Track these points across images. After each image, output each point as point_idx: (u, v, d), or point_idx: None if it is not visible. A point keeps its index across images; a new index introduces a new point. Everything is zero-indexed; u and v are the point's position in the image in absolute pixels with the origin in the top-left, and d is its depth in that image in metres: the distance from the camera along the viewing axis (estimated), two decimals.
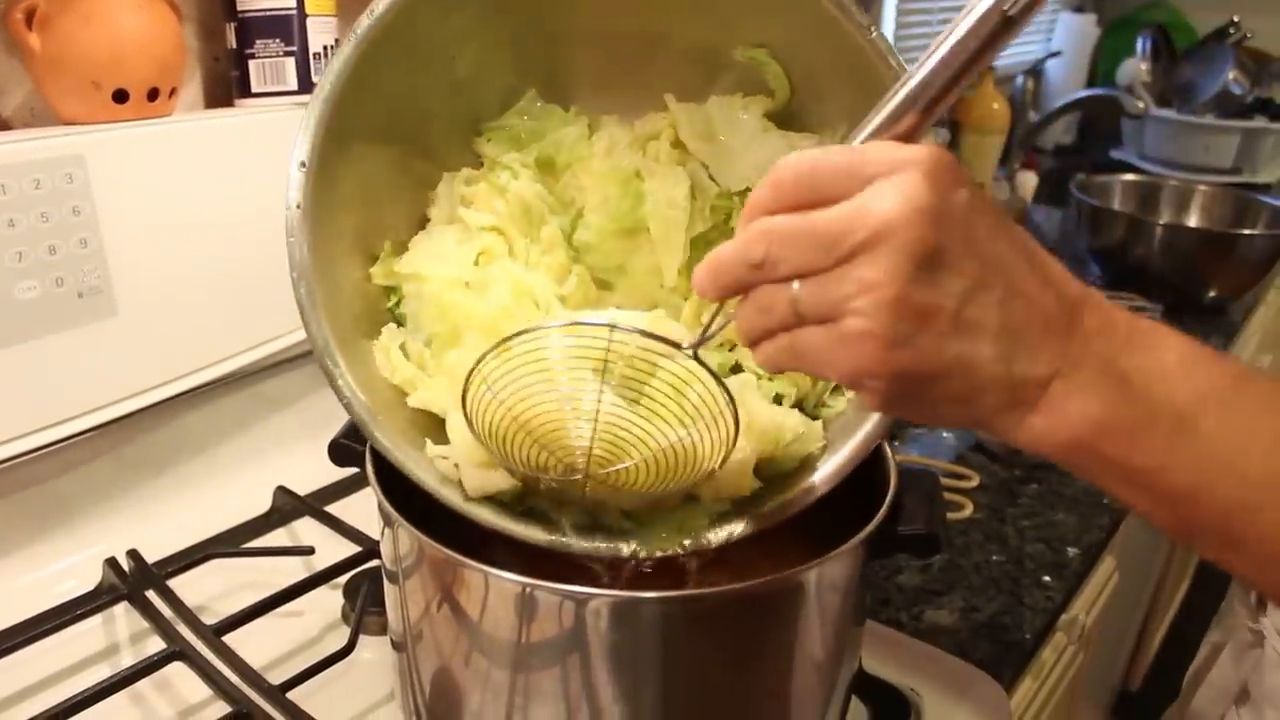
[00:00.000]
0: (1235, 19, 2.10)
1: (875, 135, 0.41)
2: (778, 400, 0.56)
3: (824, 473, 0.54)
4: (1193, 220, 1.65)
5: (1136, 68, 2.18)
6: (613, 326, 0.49)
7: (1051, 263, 0.40)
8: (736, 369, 0.57)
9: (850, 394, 0.57)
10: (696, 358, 0.48)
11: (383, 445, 0.53)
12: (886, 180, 0.37)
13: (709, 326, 0.47)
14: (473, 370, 0.49)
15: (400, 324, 0.58)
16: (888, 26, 1.87)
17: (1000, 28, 0.39)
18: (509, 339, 0.49)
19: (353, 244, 0.57)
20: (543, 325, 0.50)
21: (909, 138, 0.40)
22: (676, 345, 0.48)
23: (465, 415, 0.50)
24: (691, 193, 0.56)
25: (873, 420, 0.53)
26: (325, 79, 0.52)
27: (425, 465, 0.54)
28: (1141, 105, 2.12)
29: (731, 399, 0.48)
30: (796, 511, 0.53)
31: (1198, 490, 0.39)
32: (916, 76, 0.40)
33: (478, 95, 0.60)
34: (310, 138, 0.52)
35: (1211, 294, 1.45)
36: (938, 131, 1.51)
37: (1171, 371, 0.40)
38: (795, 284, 0.39)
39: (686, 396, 0.49)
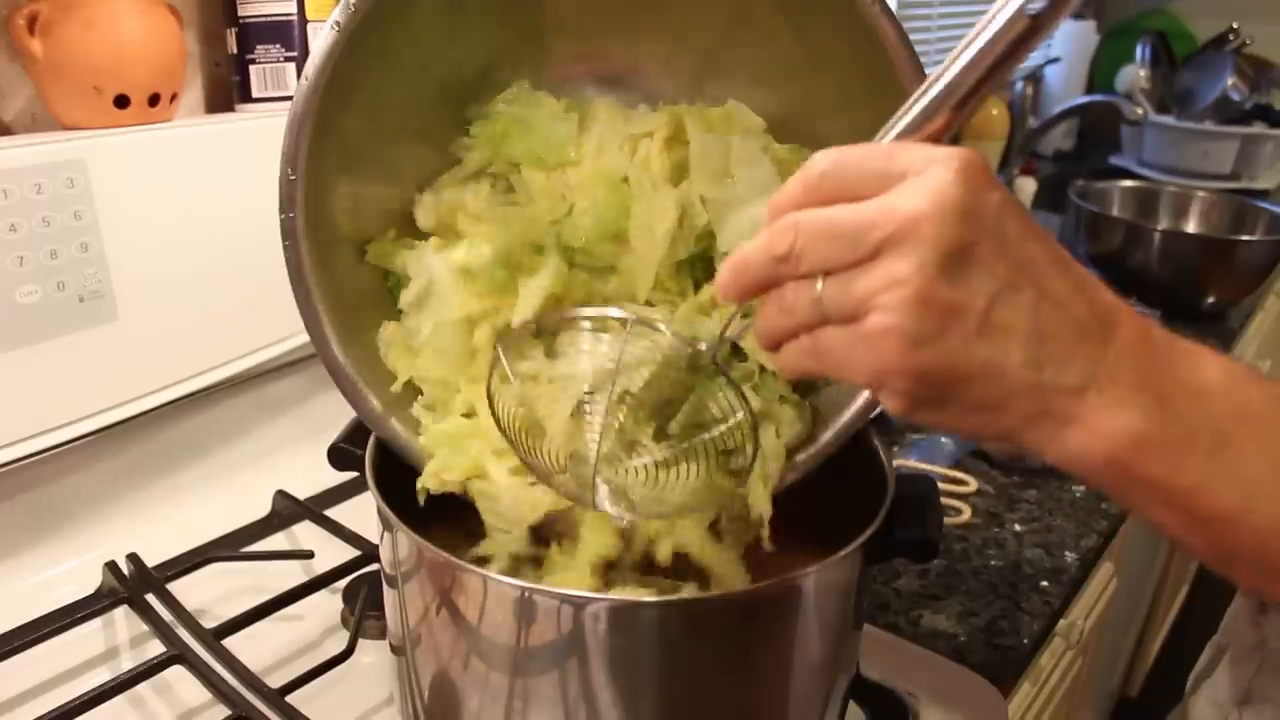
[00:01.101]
0: (1234, 26, 2.11)
1: (902, 136, 0.40)
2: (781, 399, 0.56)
3: (810, 451, 0.55)
4: (1191, 226, 1.65)
5: (1136, 74, 2.18)
6: (631, 320, 0.48)
7: (1083, 270, 0.39)
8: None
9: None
10: (715, 361, 0.48)
11: (390, 437, 0.54)
12: (918, 176, 0.36)
13: (727, 328, 0.46)
14: (494, 356, 0.50)
15: (396, 300, 0.59)
16: None
17: (1026, 30, 0.38)
18: (529, 323, 0.50)
19: (346, 224, 0.57)
20: (565, 313, 0.50)
21: (936, 139, 0.40)
22: (696, 348, 0.48)
23: (488, 399, 0.51)
24: (679, 218, 0.56)
25: (860, 399, 0.54)
26: (309, 67, 0.52)
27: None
28: (1140, 111, 2.13)
29: (751, 410, 0.48)
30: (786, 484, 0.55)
31: (1237, 513, 0.38)
32: (944, 79, 0.39)
33: (465, 63, 0.59)
34: (296, 138, 0.52)
35: (1210, 300, 1.45)
36: None
37: (1212, 389, 0.39)
38: (819, 282, 0.38)
39: (703, 403, 0.50)
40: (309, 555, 0.76)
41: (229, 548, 0.79)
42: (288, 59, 0.83)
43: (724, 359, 0.50)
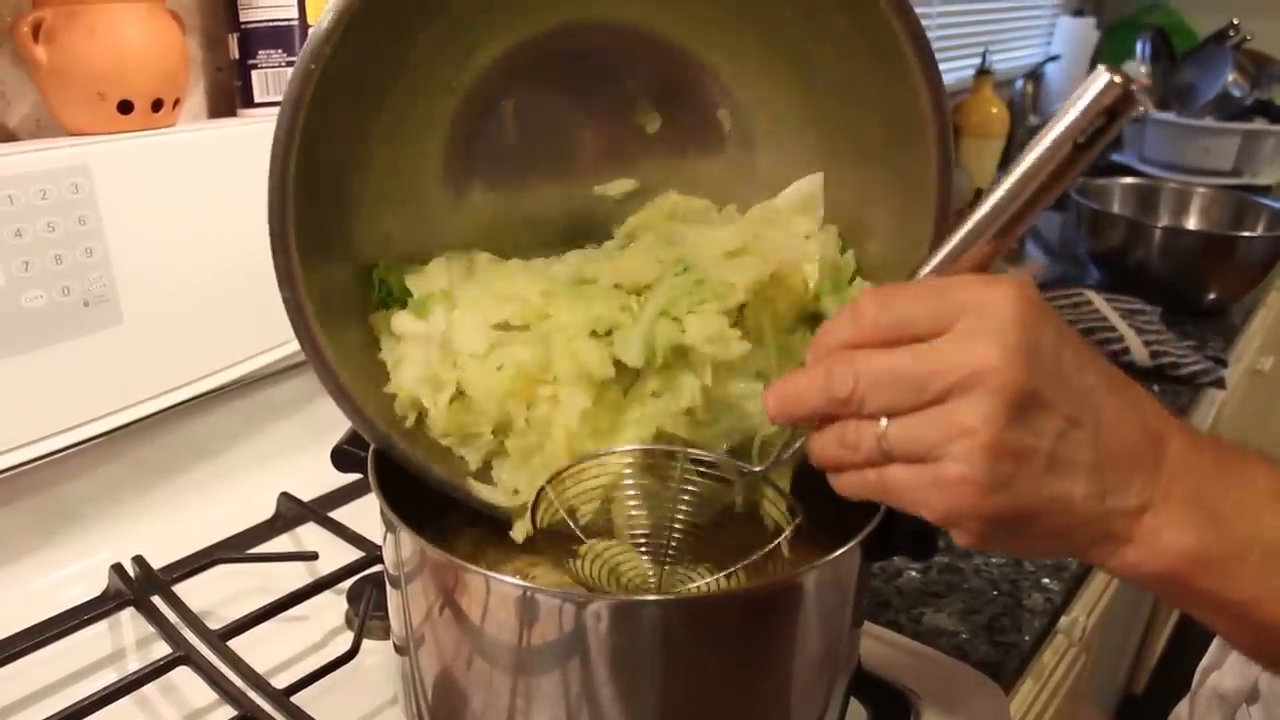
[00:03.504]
0: (1235, 21, 2.11)
1: (947, 262, 0.40)
2: None
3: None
4: (1192, 223, 1.65)
5: (1136, 71, 2.18)
6: (683, 452, 0.51)
7: (1134, 388, 0.40)
8: None
9: None
10: (768, 479, 0.50)
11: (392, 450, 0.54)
12: (976, 318, 0.37)
13: (781, 452, 0.48)
14: (540, 493, 0.52)
15: (387, 305, 0.59)
16: None
17: (1071, 156, 0.38)
18: (577, 463, 0.51)
19: (338, 229, 0.57)
20: (612, 450, 0.52)
21: (981, 267, 0.40)
22: (751, 470, 0.50)
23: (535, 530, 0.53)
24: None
25: None
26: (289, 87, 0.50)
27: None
28: (1141, 108, 2.13)
29: (798, 517, 0.50)
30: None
31: None
32: (987, 204, 0.40)
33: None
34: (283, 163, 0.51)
35: (1211, 296, 1.45)
36: None
37: (1261, 502, 0.40)
38: (883, 421, 0.38)
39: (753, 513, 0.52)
40: (313, 557, 0.77)
41: (234, 550, 0.80)
42: (289, 64, 0.83)
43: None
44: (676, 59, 0.61)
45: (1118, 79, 0.37)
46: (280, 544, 0.82)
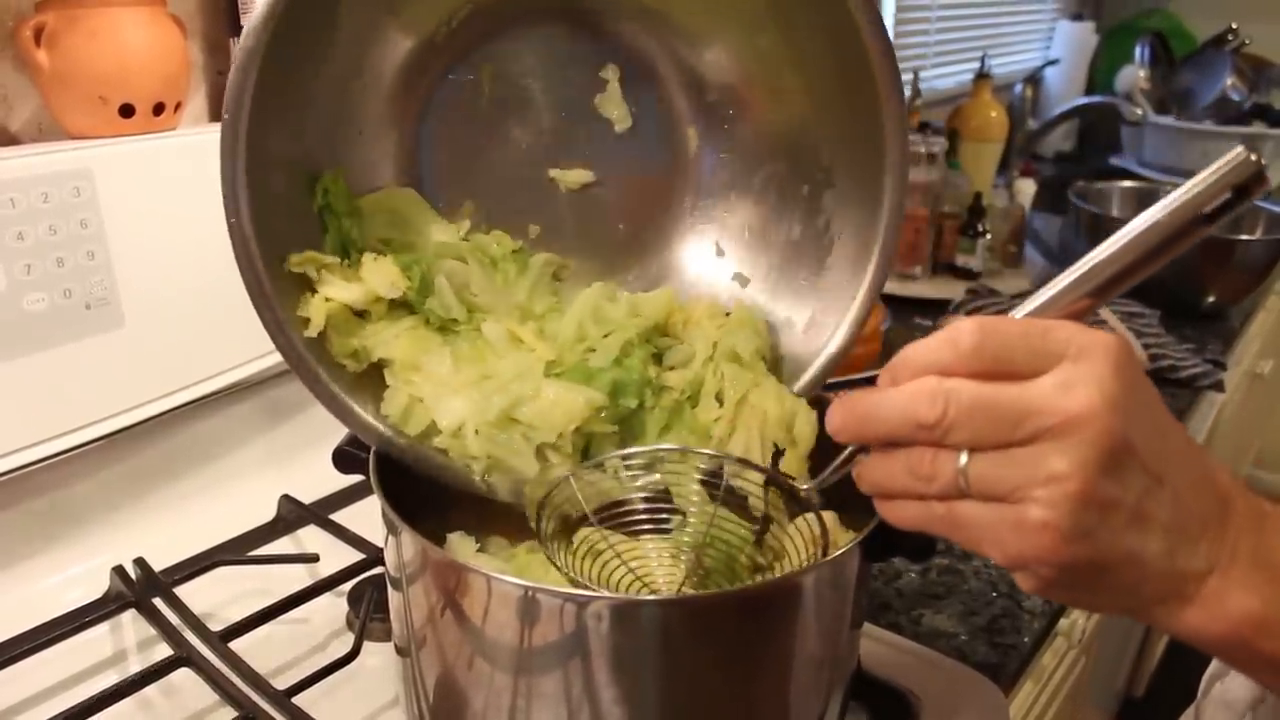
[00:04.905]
0: (1233, 25, 2.11)
1: (1045, 308, 0.40)
2: None
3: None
4: None
5: (1135, 75, 2.18)
6: (734, 459, 0.51)
7: (1204, 452, 0.40)
8: None
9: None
10: (809, 500, 0.50)
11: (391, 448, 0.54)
12: (1075, 365, 0.36)
13: (831, 471, 0.46)
14: (560, 482, 0.52)
15: (325, 229, 0.59)
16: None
17: (1188, 226, 0.38)
18: (616, 456, 0.52)
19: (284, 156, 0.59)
20: (657, 448, 0.53)
21: (1077, 317, 0.40)
22: (794, 486, 0.50)
23: (538, 522, 0.53)
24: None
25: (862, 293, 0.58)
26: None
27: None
28: (1140, 112, 2.13)
29: (825, 534, 0.51)
30: None
31: None
32: (1093, 258, 0.40)
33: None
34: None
35: (1211, 299, 1.46)
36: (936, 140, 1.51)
37: None
38: (964, 455, 0.38)
39: (787, 533, 0.53)
40: (314, 559, 0.77)
41: (235, 552, 0.80)
42: None
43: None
44: (656, 50, 0.62)
45: (1254, 157, 0.38)
46: (281, 546, 0.82)
